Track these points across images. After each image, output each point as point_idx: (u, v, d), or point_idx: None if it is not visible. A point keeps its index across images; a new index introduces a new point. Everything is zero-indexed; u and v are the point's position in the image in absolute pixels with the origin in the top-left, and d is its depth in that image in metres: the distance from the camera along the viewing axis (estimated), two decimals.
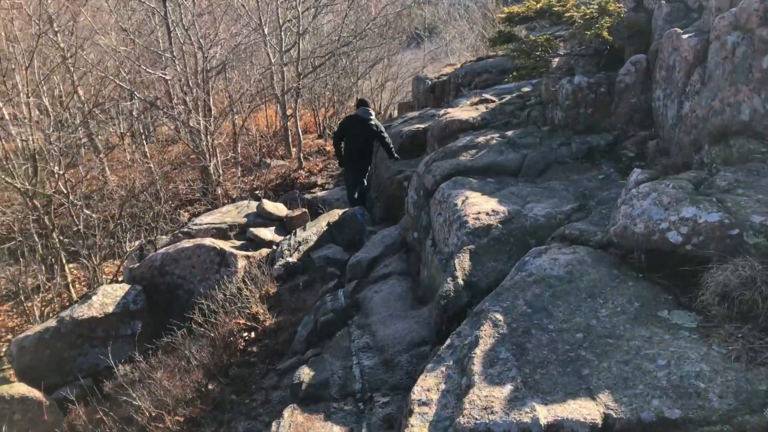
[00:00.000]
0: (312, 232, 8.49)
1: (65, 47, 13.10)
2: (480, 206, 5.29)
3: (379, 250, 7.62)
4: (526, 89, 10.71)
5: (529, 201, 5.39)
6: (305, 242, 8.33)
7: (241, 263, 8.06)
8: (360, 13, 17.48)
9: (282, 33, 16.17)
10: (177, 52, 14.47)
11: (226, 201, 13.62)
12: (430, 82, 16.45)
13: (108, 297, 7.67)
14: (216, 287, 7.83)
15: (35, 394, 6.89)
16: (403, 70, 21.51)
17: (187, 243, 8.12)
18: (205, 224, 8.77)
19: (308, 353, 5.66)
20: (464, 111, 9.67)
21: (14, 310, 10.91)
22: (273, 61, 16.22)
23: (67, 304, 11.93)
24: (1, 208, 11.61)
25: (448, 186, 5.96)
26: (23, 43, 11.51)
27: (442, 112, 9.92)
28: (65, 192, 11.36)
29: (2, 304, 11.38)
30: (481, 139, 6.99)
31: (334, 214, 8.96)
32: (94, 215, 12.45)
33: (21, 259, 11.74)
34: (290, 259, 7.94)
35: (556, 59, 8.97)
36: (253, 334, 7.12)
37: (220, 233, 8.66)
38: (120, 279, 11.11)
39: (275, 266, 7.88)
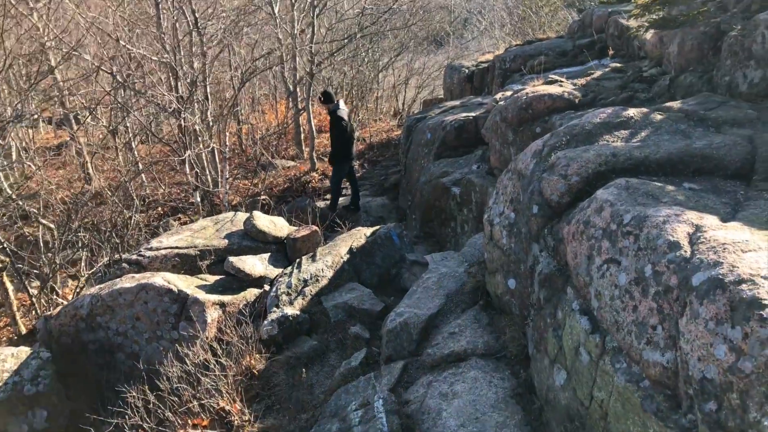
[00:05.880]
0: (325, 263, 5.14)
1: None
2: (749, 256, 1.92)
3: (437, 303, 4.26)
4: (603, 70, 7.35)
5: None
6: (314, 280, 4.99)
7: (212, 315, 4.72)
8: None
9: (295, 12, 12.87)
10: (167, 27, 11.18)
11: (222, 209, 10.30)
12: (467, 71, 13.10)
13: None
14: (172, 353, 4.52)
15: None
16: (429, 63, 18.12)
17: (128, 282, 4.82)
18: (165, 249, 5.42)
19: None
20: (547, 87, 6.32)
21: None
22: (284, 44, 12.92)
23: (14, 337, 8.70)
24: None
25: (619, 198, 2.58)
26: None
27: (516, 89, 6.61)
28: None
29: None
30: (632, 112, 3.60)
31: (359, 235, 5.61)
32: (51, 224, 9.20)
33: None
34: (289, 311, 4.59)
35: None
36: None
37: (187, 263, 5.32)
38: None
39: (265, 322, 4.54)
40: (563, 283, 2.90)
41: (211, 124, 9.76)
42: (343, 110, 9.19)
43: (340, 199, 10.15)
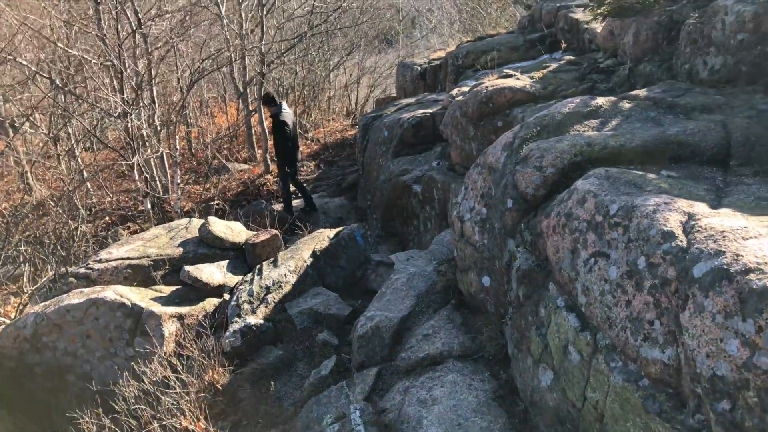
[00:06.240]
0: (288, 268, 4.90)
1: None
2: (752, 243, 1.82)
3: (408, 304, 4.08)
4: (558, 63, 7.35)
5: None
6: (277, 287, 4.74)
7: (170, 328, 4.41)
8: None
9: (243, 12, 12.47)
10: (108, 28, 10.61)
11: (174, 217, 9.85)
12: (419, 68, 13.01)
13: None
14: (127, 371, 4.19)
15: None
16: (381, 62, 17.99)
17: (77, 297, 4.46)
18: (115, 260, 5.05)
19: None
20: (505, 81, 6.24)
21: None
22: (232, 45, 12.49)
23: None
24: None
25: (602, 188, 2.46)
26: None
27: (470, 84, 6.52)
28: None
29: None
30: (600, 101, 3.52)
31: (322, 237, 5.38)
32: None
33: None
34: (252, 320, 4.34)
35: None
36: None
37: (140, 274, 4.96)
38: None
39: (227, 334, 4.27)
40: (544, 279, 2.76)
41: (159, 128, 9.31)
42: (287, 113, 8.78)
43: (295, 201, 9.85)
